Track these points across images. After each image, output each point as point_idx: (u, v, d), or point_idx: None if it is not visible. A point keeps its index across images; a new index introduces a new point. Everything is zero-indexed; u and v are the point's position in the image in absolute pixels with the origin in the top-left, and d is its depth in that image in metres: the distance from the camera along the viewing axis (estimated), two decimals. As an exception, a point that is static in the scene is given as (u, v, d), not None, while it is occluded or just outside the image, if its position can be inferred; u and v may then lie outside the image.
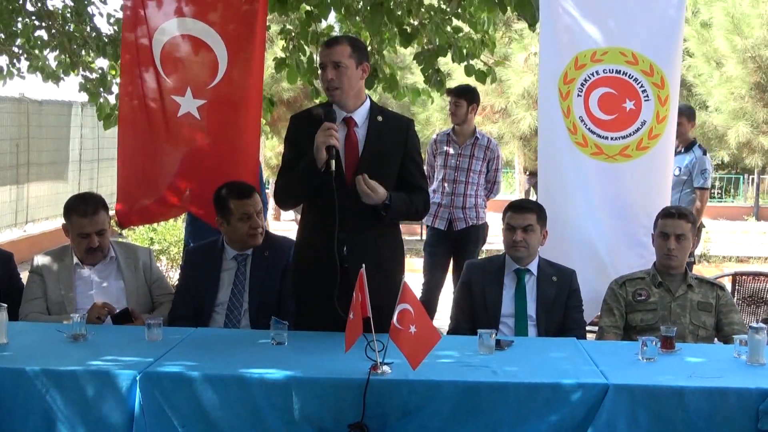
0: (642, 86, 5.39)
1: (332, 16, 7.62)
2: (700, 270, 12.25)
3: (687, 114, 7.86)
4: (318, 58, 4.28)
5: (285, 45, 7.83)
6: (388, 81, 7.75)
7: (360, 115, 4.30)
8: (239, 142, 5.44)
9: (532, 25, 6.36)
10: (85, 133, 15.85)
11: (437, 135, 7.79)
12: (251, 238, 4.77)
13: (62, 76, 9.20)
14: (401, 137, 4.38)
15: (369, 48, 7.47)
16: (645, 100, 5.40)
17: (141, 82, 5.36)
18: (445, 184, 7.49)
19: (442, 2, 7.23)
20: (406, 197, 4.30)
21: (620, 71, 5.39)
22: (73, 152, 15.52)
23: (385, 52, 7.84)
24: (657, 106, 5.39)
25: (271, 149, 18.45)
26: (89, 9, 8.71)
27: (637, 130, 5.41)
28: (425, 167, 7.49)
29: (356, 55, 4.23)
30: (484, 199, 7.63)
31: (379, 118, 4.33)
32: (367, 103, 4.35)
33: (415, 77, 8.28)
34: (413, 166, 4.41)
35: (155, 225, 12.16)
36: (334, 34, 7.78)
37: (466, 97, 7.49)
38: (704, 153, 7.87)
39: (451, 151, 7.52)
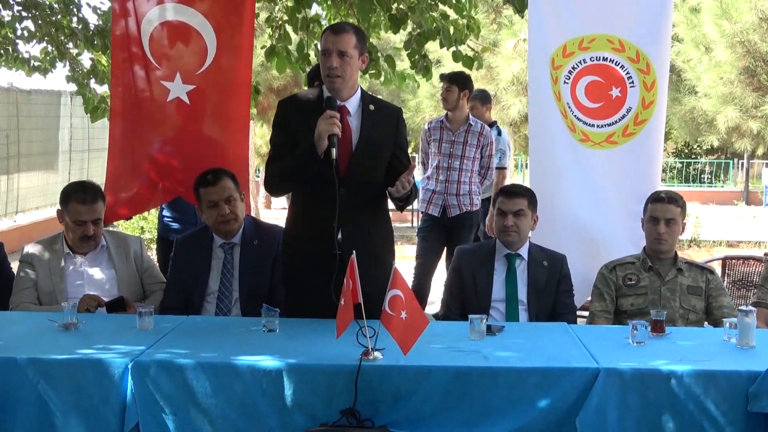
0: (628, 73, 5.40)
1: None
2: (691, 255, 12.29)
3: (481, 98, 8.48)
4: (308, 44, 4.26)
5: (271, 33, 7.82)
6: (376, 67, 7.74)
7: (352, 105, 4.30)
8: (229, 126, 5.45)
9: (520, 11, 6.36)
10: (75, 122, 15.81)
11: (431, 122, 7.80)
12: (221, 225, 4.75)
13: (49, 67, 9.16)
14: (392, 126, 4.38)
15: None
16: (630, 87, 5.42)
17: (131, 71, 5.36)
18: (439, 171, 7.51)
19: None
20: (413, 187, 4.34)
21: (607, 58, 5.41)
22: (62, 142, 15.48)
23: (372, 40, 7.82)
24: (643, 92, 5.41)
25: (261, 137, 18.43)
26: (76, 0, 8.68)
27: (623, 116, 5.44)
28: (420, 154, 7.59)
29: (360, 45, 4.22)
30: (478, 185, 7.65)
31: (371, 107, 4.32)
32: (359, 92, 4.34)
33: (402, 64, 8.23)
34: (403, 156, 4.42)
35: (146, 214, 12.14)
36: (322, 22, 7.77)
37: (457, 83, 7.50)
38: (499, 134, 8.34)
39: (445, 137, 7.53)
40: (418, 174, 6.40)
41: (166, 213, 6.17)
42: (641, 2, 5.41)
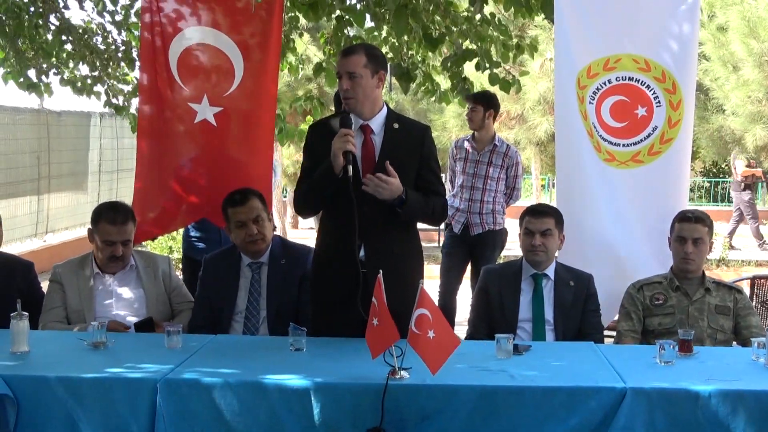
0: (654, 92, 5.39)
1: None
2: (719, 274, 12.21)
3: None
4: (337, 68, 4.33)
5: (324, 49, 7.90)
6: (425, 83, 7.75)
7: (376, 123, 4.33)
8: (254, 148, 5.50)
9: None
10: (104, 143, 15.93)
11: (458, 141, 7.83)
12: (249, 245, 4.78)
13: (91, 89, 9.23)
14: (417, 144, 4.39)
15: (401, 53, 7.50)
16: (657, 106, 5.41)
17: (158, 91, 5.43)
18: (464, 190, 7.53)
19: (468, 5, 7.22)
20: (421, 196, 4.32)
21: (632, 78, 5.40)
22: (92, 163, 15.60)
23: (420, 56, 7.83)
24: (669, 111, 5.40)
25: (288, 157, 18.49)
26: (124, 20, 8.81)
27: (649, 135, 5.42)
28: (448, 173, 7.60)
29: (372, 64, 4.25)
30: (503, 205, 7.65)
31: (396, 126, 4.35)
32: (384, 110, 4.37)
33: (440, 82, 8.24)
34: (429, 173, 4.43)
35: (174, 233, 12.21)
36: (363, 41, 7.81)
37: (482, 102, 7.49)
38: None
39: (470, 157, 7.55)
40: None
41: (192, 233, 6.23)
42: (667, 22, 5.41)
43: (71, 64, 8.87)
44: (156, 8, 5.40)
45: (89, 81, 8.98)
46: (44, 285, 5.00)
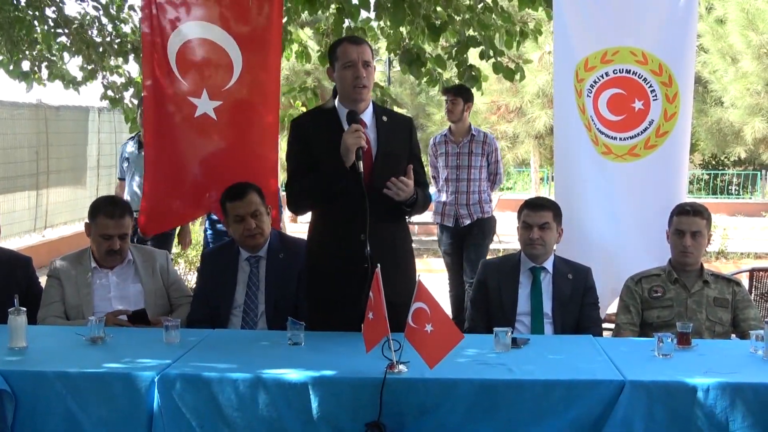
0: (651, 85, 5.40)
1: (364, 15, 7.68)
2: (718, 266, 12.21)
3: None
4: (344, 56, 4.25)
5: (322, 41, 7.94)
6: (429, 73, 7.79)
7: (368, 117, 4.34)
8: (257, 143, 5.52)
9: None
10: (103, 138, 15.91)
11: (436, 137, 8.01)
12: (247, 239, 4.78)
13: (84, 82, 9.25)
14: (406, 136, 4.44)
15: (405, 42, 7.56)
16: (653, 99, 5.42)
17: (160, 86, 5.44)
18: (449, 184, 7.71)
19: None
20: (421, 192, 4.36)
21: (630, 71, 5.42)
22: (90, 158, 15.59)
23: (426, 46, 7.86)
24: (665, 104, 5.41)
25: (284, 151, 18.49)
26: (116, 13, 8.82)
27: (645, 129, 5.44)
28: (429, 169, 7.71)
29: (373, 57, 4.29)
30: (488, 193, 7.86)
31: (384, 119, 4.37)
32: (371, 104, 4.39)
33: (445, 73, 8.25)
34: (417, 164, 4.46)
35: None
36: (364, 32, 7.83)
37: (462, 95, 7.68)
38: None
39: (450, 150, 7.75)
40: (430, 188, 6.49)
41: (210, 239, 6.36)
42: (665, 14, 5.41)
43: (66, 57, 8.89)
44: (154, 5, 5.40)
45: (84, 74, 8.99)
46: (42, 280, 4.99)
